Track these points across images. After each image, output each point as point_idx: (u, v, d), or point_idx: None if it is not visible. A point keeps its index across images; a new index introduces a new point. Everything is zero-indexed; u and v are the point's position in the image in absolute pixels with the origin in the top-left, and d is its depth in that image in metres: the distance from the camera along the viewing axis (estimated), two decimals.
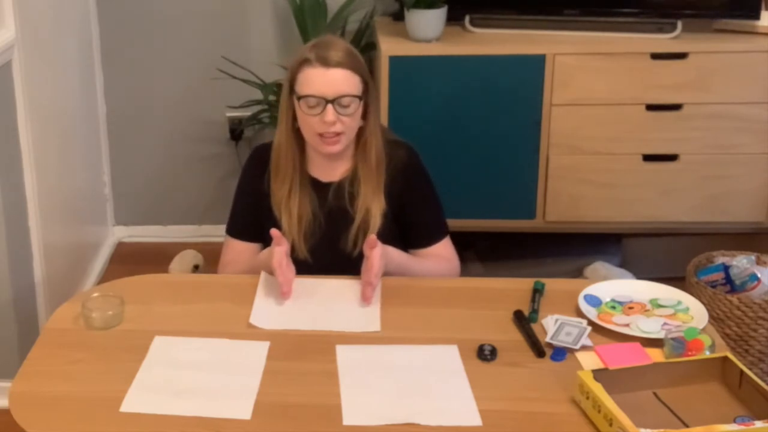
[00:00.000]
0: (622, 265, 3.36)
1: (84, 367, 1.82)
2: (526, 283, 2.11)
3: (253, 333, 1.93)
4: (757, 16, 3.21)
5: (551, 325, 1.92)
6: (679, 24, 3.23)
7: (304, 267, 2.16)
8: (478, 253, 3.47)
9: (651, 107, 3.20)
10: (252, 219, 2.30)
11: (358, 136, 2.23)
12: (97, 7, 3.65)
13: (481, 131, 3.24)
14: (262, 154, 2.29)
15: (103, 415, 1.67)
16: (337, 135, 2.14)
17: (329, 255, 2.22)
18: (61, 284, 3.11)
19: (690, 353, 1.78)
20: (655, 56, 3.15)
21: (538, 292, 2.07)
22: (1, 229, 2.69)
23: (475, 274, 3.29)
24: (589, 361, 1.81)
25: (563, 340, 1.87)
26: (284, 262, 2.07)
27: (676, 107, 3.19)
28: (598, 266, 3.25)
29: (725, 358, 1.74)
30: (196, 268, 3.23)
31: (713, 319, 2.71)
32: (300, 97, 2.14)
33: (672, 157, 3.25)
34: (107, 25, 3.68)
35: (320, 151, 2.19)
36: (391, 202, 2.24)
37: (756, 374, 1.87)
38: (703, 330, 1.87)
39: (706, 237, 3.39)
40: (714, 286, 2.90)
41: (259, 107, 3.58)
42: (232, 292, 2.10)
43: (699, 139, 3.22)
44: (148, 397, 1.72)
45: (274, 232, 2.08)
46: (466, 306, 2.05)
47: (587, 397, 1.64)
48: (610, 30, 3.27)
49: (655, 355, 1.81)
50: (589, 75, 3.17)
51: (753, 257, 2.93)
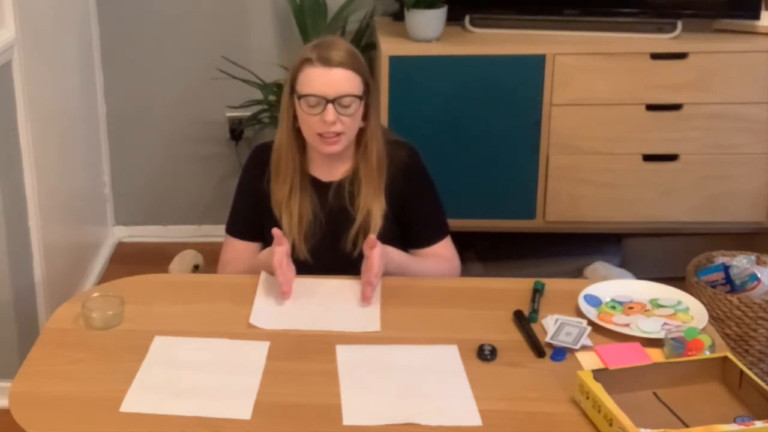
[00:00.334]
0: (622, 265, 3.36)
1: (84, 367, 1.82)
2: (526, 283, 2.11)
3: (253, 333, 1.93)
4: (757, 16, 3.21)
5: (551, 325, 1.92)
6: (679, 24, 3.23)
7: (304, 267, 2.16)
8: (478, 253, 3.47)
9: (651, 107, 3.20)
10: (252, 218, 2.30)
11: (358, 136, 2.23)
12: (97, 7, 3.65)
13: (481, 131, 3.24)
14: (262, 154, 2.29)
15: (103, 415, 1.67)
16: (338, 135, 2.14)
17: (329, 255, 2.22)
18: (61, 284, 3.11)
19: (690, 353, 1.78)
20: (655, 56, 3.15)
21: (538, 292, 2.07)
22: (1, 229, 2.69)
23: (475, 274, 3.29)
24: (589, 361, 1.81)
25: (563, 340, 1.87)
26: (285, 262, 2.07)
27: (676, 107, 3.19)
28: (598, 266, 3.25)
29: (725, 358, 1.74)
30: (196, 268, 3.23)
31: (713, 319, 2.71)
32: (301, 97, 2.14)
33: (672, 157, 3.25)
34: (107, 25, 3.68)
35: (320, 151, 2.19)
36: (391, 202, 2.24)
37: (756, 374, 1.87)
38: (703, 330, 1.87)
39: (706, 237, 3.38)
40: (714, 286, 2.90)
41: (259, 107, 3.58)
42: (232, 292, 2.09)
43: (699, 139, 3.22)
44: (148, 397, 1.71)
45: (276, 231, 2.08)
46: (466, 306, 2.05)
47: (587, 397, 1.64)
48: (610, 30, 3.27)
49: (655, 355, 1.81)
50: (589, 75, 3.17)
51: (753, 257, 2.93)
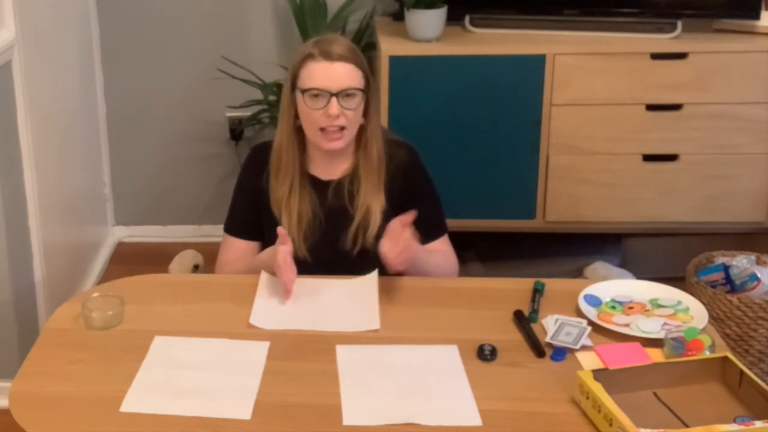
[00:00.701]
0: (622, 265, 3.36)
1: (84, 367, 1.82)
2: (526, 283, 2.11)
3: (253, 333, 1.93)
4: (757, 16, 3.21)
5: (551, 325, 1.92)
6: (679, 24, 3.23)
7: (303, 266, 2.15)
8: (478, 253, 3.47)
9: (651, 107, 3.20)
10: (251, 217, 2.30)
11: (358, 134, 2.23)
12: (97, 7, 3.65)
13: (481, 131, 3.24)
14: (262, 153, 2.29)
15: (103, 415, 1.67)
16: (341, 130, 2.15)
17: (329, 254, 2.22)
18: (61, 284, 3.11)
19: (690, 353, 1.78)
20: (655, 56, 3.15)
21: (538, 292, 2.06)
22: (1, 229, 2.69)
23: (475, 274, 3.29)
24: (589, 361, 1.81)
25: (563, 340, 1.87)
26: (289, 261, 2.07)
27: (676, 107, 3.19)
28: (598, 266, 3.25)
29: (725, 358, 1.74)
30: (196, 268, 3.24)
31: (713, 319, 2.71)
32: (304, 91, 2.14)
33: (672, 157, 3.25)
34: (107, 25, 3.68)
35: (322, 147, 2.19)
36: (391, 201, 2.24)
37: (756, 374, 1.87)
38: (703, 330, 1.87)
39: (706, 237, 3.39)
40: (714, 286, 2.90)
41: (259, 107, 3.58)
42: (232, 292, 2.09)
43: (699, 139, 3.22)
44: (148, 397, 1.71)
45: (281, 230, 2.08)
46: (466, 306, 2.05)
47: (587, 397, 1.64)
48: (610, 30, 3.27)
49: (655, 355, 1.81)
50: (589, 75, 3.17)
51: (753, 257, 2.93)
